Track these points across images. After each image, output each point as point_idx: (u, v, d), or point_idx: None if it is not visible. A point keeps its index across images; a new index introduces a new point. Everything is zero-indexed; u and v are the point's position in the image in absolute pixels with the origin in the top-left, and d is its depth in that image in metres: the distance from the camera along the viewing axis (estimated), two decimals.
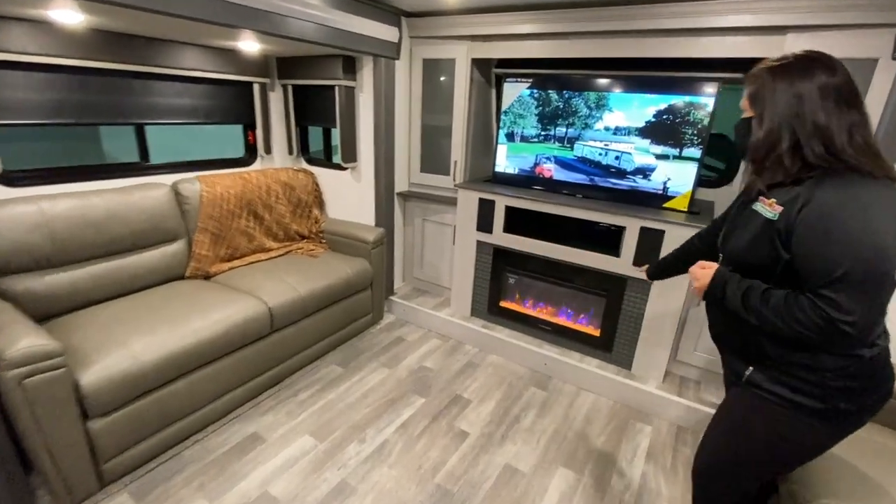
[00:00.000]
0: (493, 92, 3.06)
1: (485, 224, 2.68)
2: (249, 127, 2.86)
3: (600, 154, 2.43)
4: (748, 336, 1.04)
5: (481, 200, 2.65)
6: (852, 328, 0.84)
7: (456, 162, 2.87)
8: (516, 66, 2.65)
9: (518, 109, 2.61)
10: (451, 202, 2.88)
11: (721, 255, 1.15)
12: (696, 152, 2.19)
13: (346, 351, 2.64)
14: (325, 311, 2.42)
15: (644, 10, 2.07)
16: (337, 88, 2.62)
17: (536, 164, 2.63)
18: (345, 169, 2.91)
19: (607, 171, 2.42)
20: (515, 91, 2.61)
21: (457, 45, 2.67)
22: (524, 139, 2.63)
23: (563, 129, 2.50)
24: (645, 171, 2.31)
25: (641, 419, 2.23)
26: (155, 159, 2.47)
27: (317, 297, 2.31)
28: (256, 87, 2.74)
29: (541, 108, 2.54)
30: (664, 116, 2.22)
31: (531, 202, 2.48)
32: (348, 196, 2.98)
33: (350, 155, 2.79)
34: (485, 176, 3.05)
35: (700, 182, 2.31)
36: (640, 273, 1.79)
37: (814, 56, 0.95)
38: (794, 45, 1.85)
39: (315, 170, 3.05)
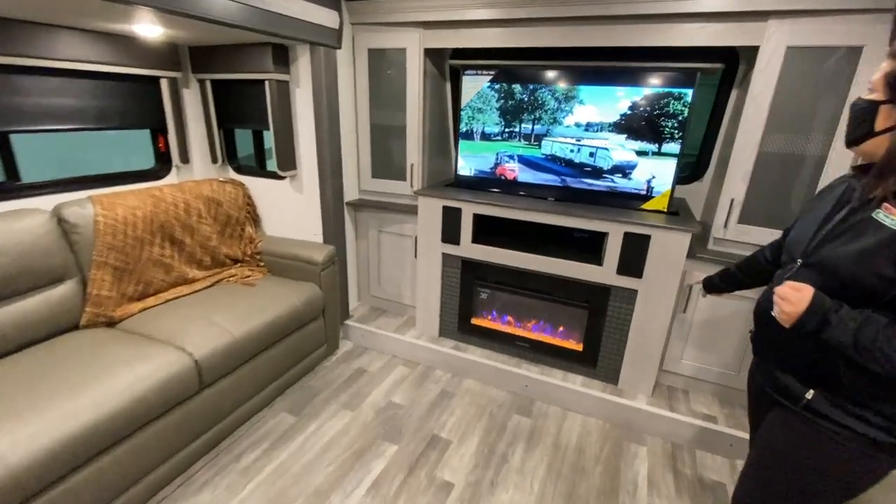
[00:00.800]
0: (448, 86, 2.77)
1: (451, 235, 2.39)
2: (159, 131, 2.35)
3: (572, 151, 2.22)
4: (820, 357, 0.93)
5: (446, 209, 2.36)
6: None
7: (413, 165, 2.55)
8: (474, 56, 2.38)
9: (478, 104, 2.34)
10: (411, 211, 2.56)
11: (798, 261, 1.00)
12: (674, 147, 2.03)
13: (297, 394, 2.25)
14: (269, 351, 2.01)
15: None
16: (267, 83, 2.20)
17: (497, 165, 2.38)
18: (282, 178, 2.49)
19: (581, 170, 2.22)
20: (476, 85, 2.33)
21: (407, 33, 2.34)
22: (485, 137, 2.37)
23: (529, 125, 2.26)
24: (624, 170, 2.13)
25: (634, 439, 2.06)
26: (29, 177, 1.92)
27: (256, 337, 1.90)
28: (165, 83, 2.24)
29: (503, 102, 2.28)
30: (640, 109, 2.05)
31: (502, 209, 2.22)
32: (288, 209, 2.56)
33: (288, 161, 2.38)
34: (445, 180, 2.76)
35: None
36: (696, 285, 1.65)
37: None
38: (777, 31, 1.73)
39: (246, 180, 2.59)
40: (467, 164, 2.46)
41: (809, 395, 0.96)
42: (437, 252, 2.47)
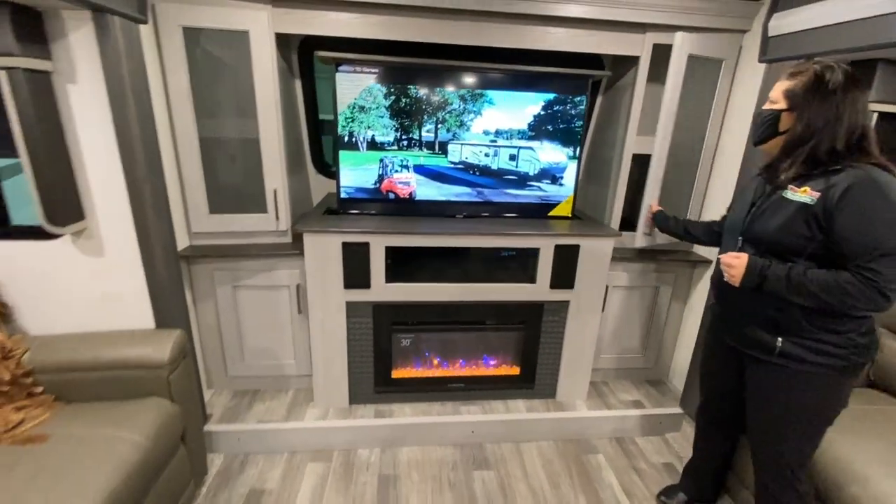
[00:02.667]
0: (299, 85, 2.16)
1: (358, 278, 1.86)
2: None
3: (488, 155, 1.98)
4: (780, 310, 1.16)
5: (348, 246, 1.81)
6: (893, 294, 1.01)
7: (276, 191, 1.88)
8: (329, 47, 1.83)
9: (362, 105, 1.86)
10: (281, 253, 1.90)
11: (739, 238, 1.25)
12: (572, 152, 2.03)
13: None
14: None
15: None
16: (4, 76, 1.20)
17: (382, 178, 1.96)
18: (54, 237, 1.46)
19: (501, 178, 2.01)
20: (355, 83, 1.84)
21: (250, 10, 1.66)
22: (375, 146, 1.92)
23: (432, 130, 1.92)
24: (554, 175, 2.02)
25: (589, 449, 2.03)
26: None
27: None
28: None
29: (394, 103, 1.87)
30: (538, 114, 1.95)
31: (425, 237, 1.83)
32: (75, 285, 1.54)
33: (64, 209, 1.40)
34: (321, 206, 2.15)
35: None
36: (646, 221, 1.92)
37: (852, 74, 1.07)
38: (653, 42, 1.86)
39: None
40: (352, 181, 1.95)
41: (779, 342, 1.18)
42: (339, 302, 1.89)
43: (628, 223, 2.08)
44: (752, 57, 1.80)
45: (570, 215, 2.11)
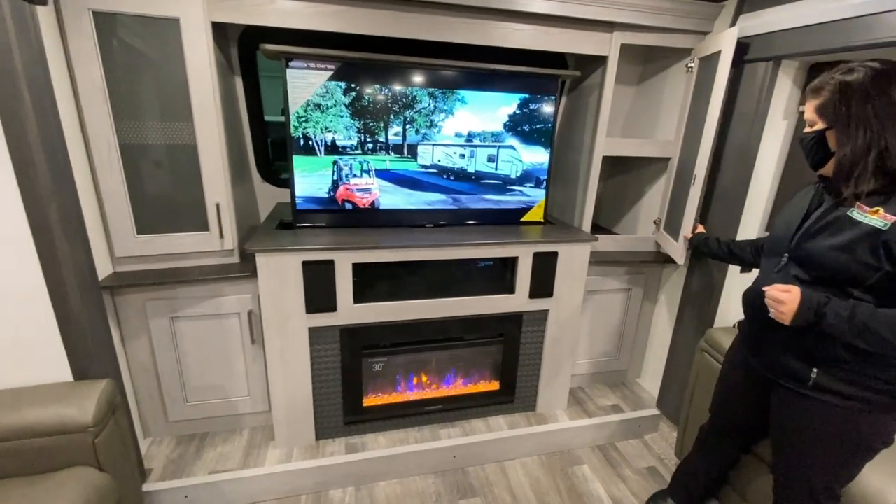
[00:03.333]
0: (239, 83, 1.91)
1: (322, 300, 1.65)
2: None
3: (463, 157, 1.85)
4: (820, 338, 1.04)
5: (309, 265, 1.60)
6: None
7: (219, 205, 1.63)
8: (276, 40, 1.62)
9: (321, 101, 1.66)
10: (227, 276, 1.65)
11: (784, 255, 1.12)
12: (544, 155, 1.96)
13: None
14: None
15: None
16: None
17: (337, 185, 1.76)
18: None
19: (478, 182, 1.89)
20: (308, 81, 1.64)
21: None
22: (335, 150, 1.72)
23: (399, 132, 1.76)
24: (538, 178, 1.92)
25: (573, 461, 1.96)
26: None
27: None
28: None
29: (354, 101, 1.69)
30: (508, 115, 1.86)
31: (397, 251, 1.66)
32: None
33: None
34: (275, 218, 1.91)
35: None
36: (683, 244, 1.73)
37: (886, 69, 0.95)
38: (620, 41, 1.83)
39: None
40: (308, 190, 1.74)
41: (814, 373, 1.07)
42: (301, 328, 1.68)
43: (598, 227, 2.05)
44: None
45: (542, 220, 2.04)
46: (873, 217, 0.96)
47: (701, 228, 1.76)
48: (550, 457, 1.98)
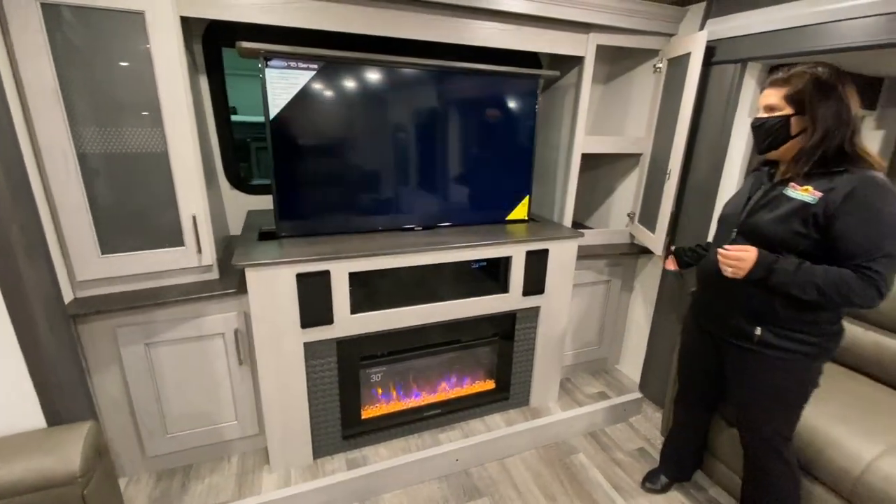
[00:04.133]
0: (205, 82, 1.77)
1: (318, 313, 1.57)
2: None
3: (450, 158, 1.83)
4: (764, 302, 1.21)
5: (303, 277, 1.51)
6: (888, 293, 1.08)
7: (196, 218, 1.49)
8: (247, 37, 1.49)
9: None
10: (208, 292, 1.53)
11: (734, 230, 1.28)
12: (527, 153, 1.98)
13: None
14: None
15: None
16: None
17: None
18: None
19: (465, 182, 1.87)
20: (290, 82, 1.54)
21: None
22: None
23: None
24: (522, 176, 1.94)
25: (569, 451, 2.02)
26: None
27: None
28: None
29: (338, 104, 1.62)
30: (489, 114, 1.86)
31: (395, 257, 1.61)
32: None
33: None
34: (251, 228, 1.78)
35: None
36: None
37: (839, 70, 1.12)
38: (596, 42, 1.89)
39: None
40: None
41: (758, 331, 1.25)
42: (296, 344, 1.58)
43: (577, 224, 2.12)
44: None
45: (526, 218, 2.07)
46: (804, 193, 1.14)
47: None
48: (548, 449, 2.02)
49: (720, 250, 1.23)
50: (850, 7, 1.33)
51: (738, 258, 1.19)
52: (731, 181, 1.82)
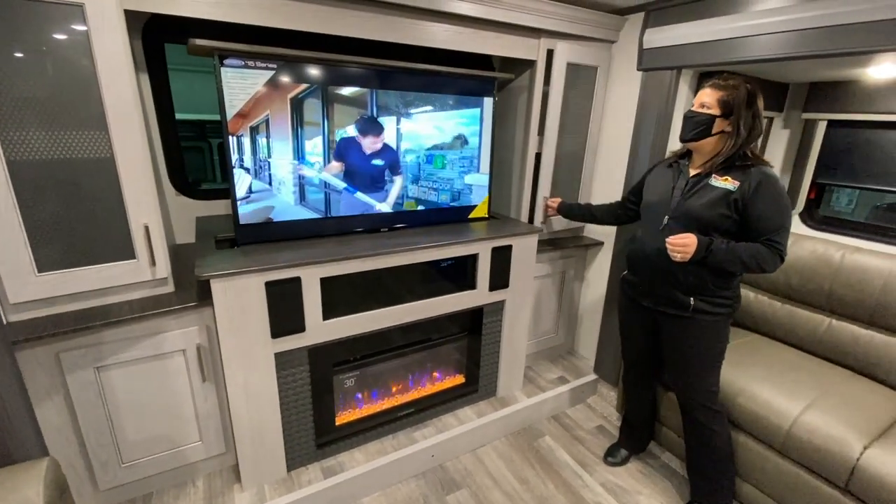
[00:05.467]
0: (147, 80, 1.64)
1: (289, 321, 1.52)
2: None
3: (416, 161, 1.84)
4: (696, 276, 1.43)
5: (273, 285, 1.45)
6: (785, 258, 1.36)
7: (148, 227, 1.39)
8: (196, 33, 1.41)
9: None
10: (164, 307, 1.43)
11: (665, 217, 1.48)
12: (490, 153, 2.05)
13: None
14: None
15: None
16: None
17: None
18: None
19: (427, 183, 1.89)
20: (249, 81, 1.47)
21: None
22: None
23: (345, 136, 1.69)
24: (482, 175, 1.98)
25: (537, 435, 2.13)
26: None
27: None
28: None
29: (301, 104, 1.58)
30: (459, 116, 1.91)
31: (365, 260, 1.60)
32: None
33: None
34: (204, 235, 1.68)
35: None
36: (550, 211, 2.11)
37: (751, 83, 1.37)
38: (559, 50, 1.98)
39: None
40: (255, 199, 1.58)
41: (692, 301, 1.46)
42: (266, 355, 1.52)
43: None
44: (621, 65, 2.10)
45: (487, 216, 2.13)
46: (725, 183, 1.37)
47: (558, 200, 2.11)
48: (517, 436, 2.12)
49: (669, 240, 1.40)
50: (766, 24, 1.53)
51: (684, 244, 1.37)
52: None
